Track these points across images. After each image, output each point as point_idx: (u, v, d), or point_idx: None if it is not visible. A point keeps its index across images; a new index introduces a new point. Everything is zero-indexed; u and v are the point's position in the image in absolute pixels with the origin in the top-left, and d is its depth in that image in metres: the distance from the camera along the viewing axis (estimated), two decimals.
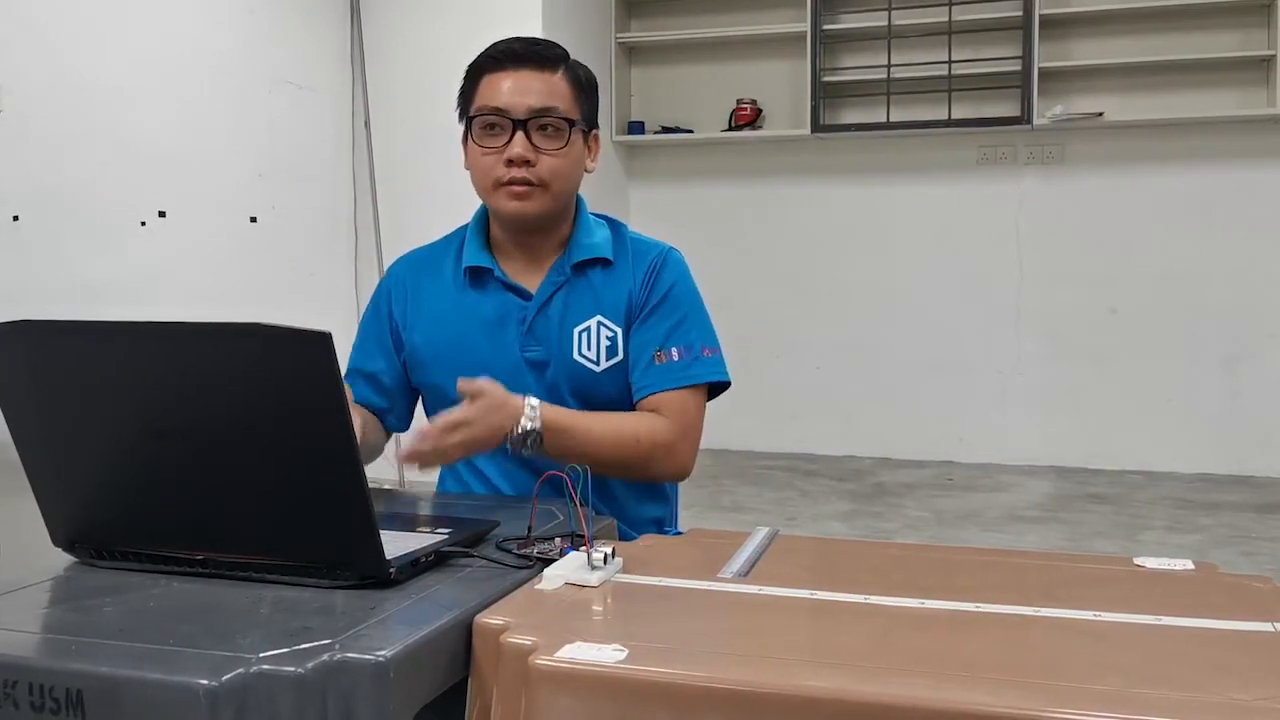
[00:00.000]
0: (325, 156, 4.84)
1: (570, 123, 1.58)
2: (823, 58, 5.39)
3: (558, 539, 1.24)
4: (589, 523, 1.18)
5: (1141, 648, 0.98)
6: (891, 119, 5.33)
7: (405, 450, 1.43)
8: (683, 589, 1.15)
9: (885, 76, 5.32)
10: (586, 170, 1.65)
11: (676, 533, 1.73)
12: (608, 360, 1.61)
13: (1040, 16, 5.06)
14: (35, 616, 1.07)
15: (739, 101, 5.60)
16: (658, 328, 1.61)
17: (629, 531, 1.56)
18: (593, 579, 1.12)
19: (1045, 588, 1.17)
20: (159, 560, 1.15)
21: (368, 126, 4.98)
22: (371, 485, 1.08)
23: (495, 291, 1.64)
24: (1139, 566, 1.23)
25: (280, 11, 4.54)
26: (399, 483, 4.86)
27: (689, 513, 1.80)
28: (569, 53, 1.63)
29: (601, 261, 1.64)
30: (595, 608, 1.08)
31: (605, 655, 0.93)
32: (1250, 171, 5.06)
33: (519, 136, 1.55)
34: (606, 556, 1.14)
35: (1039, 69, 5.06)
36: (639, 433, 1.55)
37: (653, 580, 1.16)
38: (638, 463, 1.56)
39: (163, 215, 3.92)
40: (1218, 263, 5.11)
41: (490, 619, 1.01)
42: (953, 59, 5.24)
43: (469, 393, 1.43)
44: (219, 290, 4.10)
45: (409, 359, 1.67)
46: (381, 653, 0.92)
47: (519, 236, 1.64)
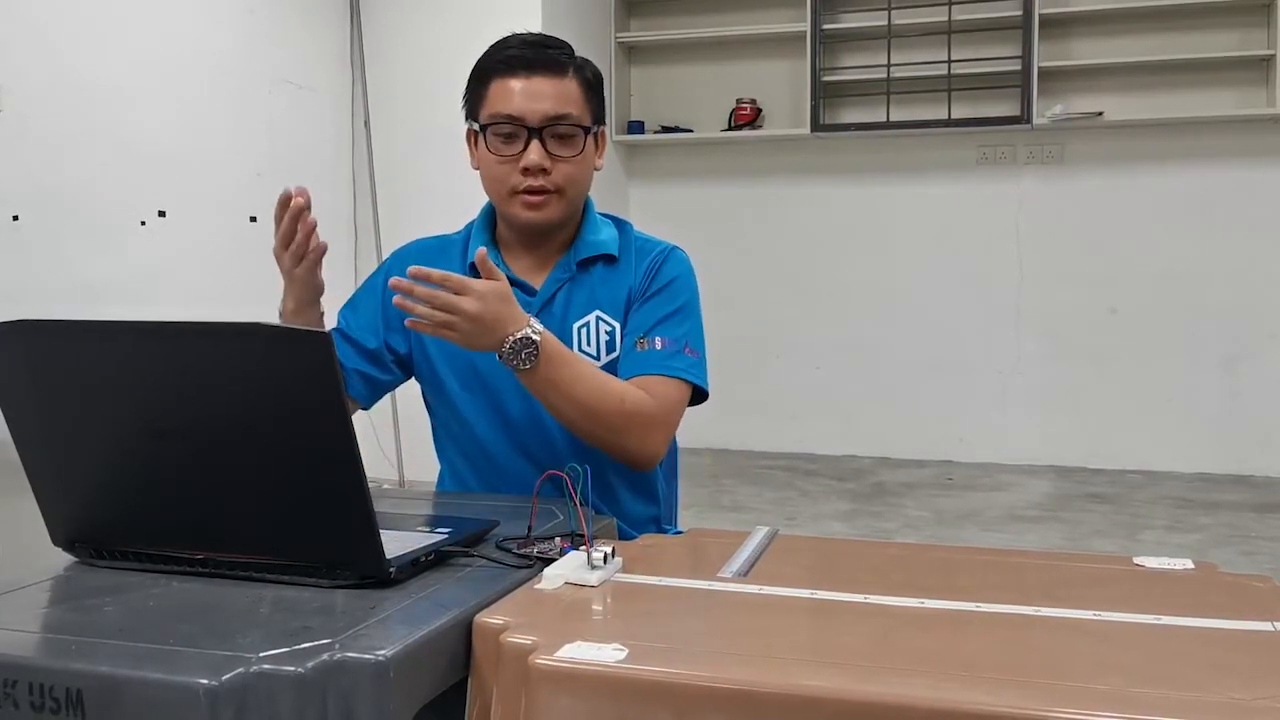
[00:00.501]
0: (325, 156, 4.84)
1: (585, 129, 1.58)
2: (822, 57, 5.39)
3: (557, 538, 1.25)
4: (589, 522, 1.18)
5: (1141, 647, 0.99)
6: (891, 119, 5.33)
7: (398, 281, 1.37)
8: (683, 589, 1.15)
9: (885, 76, 5.32)
10: (596, 168, 1.65)
11: (676, 532, 1.73)
12: (608, 355, 1.61)
13: (1040, 16, 5.06)
14: (35, 616, 1.07)
15: (739, 101, 5.60)
16: (647, 316, 1.60)
17: (628, 531, 1.56)
18: (592, 579, 1.12)
19: (1045, 587, 1.17)
20: (159, 560, 1.15)
21: (367, 126, 4.98)
22: (371, 485, 1.08)
23: None
24: (1139, 566, 1.23)
25: (280, 11, 4.54)
26: (399, 482, 4.86)
27: (689, 512, 1.80)
28: (573, 48, 1.62)
29: (605, 258, 1.64)
30: (595, 607, 1.08)
31: (605, 655, 0.93)
32: (1250, 171, 5.06)
33: (534, 145, 1.55)
34: (606, 556, 1.14)
35: (1039, 69, 5.06)
36: (625, 396, 1.51)
37: (653, 580, 1.16)
38: (614, 424, 1.50)
39: (163, 215, 3.92)
40: (1217, 262, 5.11)
41: (490, 618, 1.01)
42: (952, 59, 5.24)
43: (485, 268, 1.40)
44: (219, 290, 4.09)
45: (407, 346, 1.67)
46: (381, 652, 0.92)
47: (528, 237, 1.65)
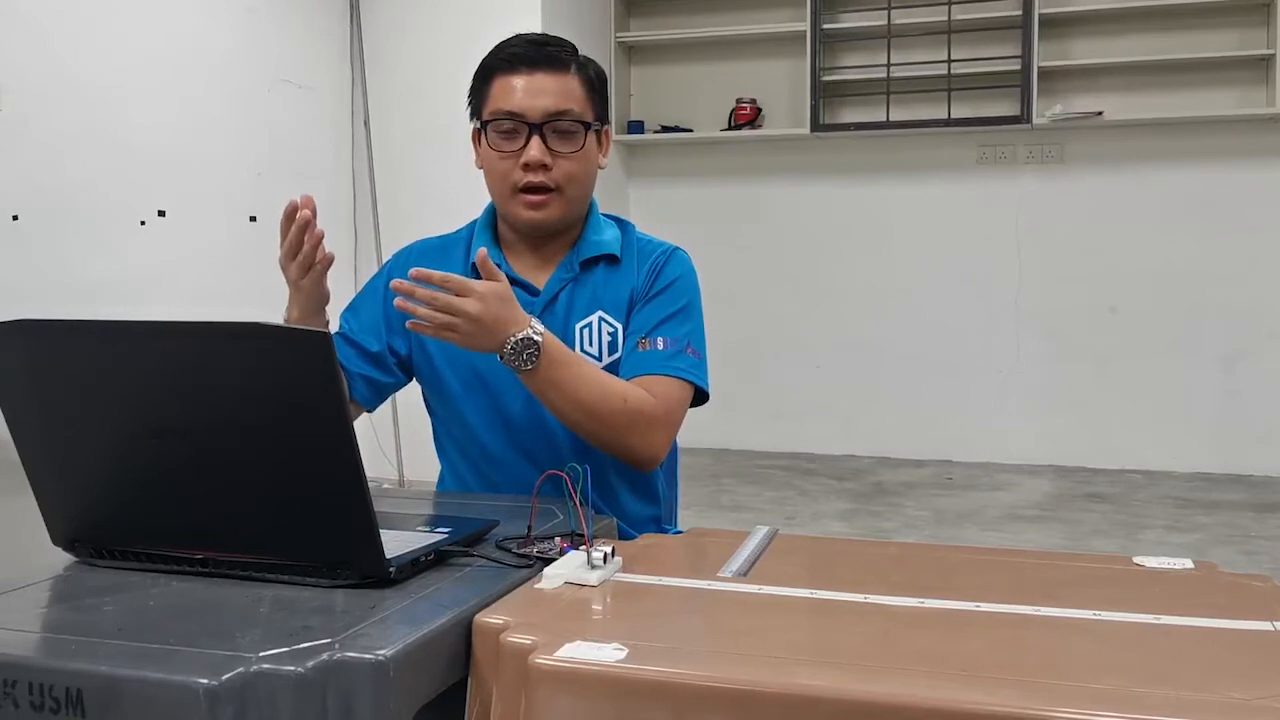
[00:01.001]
0: (325, 156, 4.84)
1: (585, 125, 1.58)
2: (822, 57, 5.39)
3: (557, 538, 1.25)
4: (589, 522, 1.18)
5: (1141, 647, 0.99)
6: (891, 118, 5.33)
7: (399, 282, 1.37)
8: (682, 588, 1.15)
9: (885, 76, 5.32)
10: (600, 167, 1.65)
11: (676, 532, 1.73)
12: (610, 355, 1.61)
13: (1040, 16, 5.06)
14: (35, 616, 1.07)
15: (738, 101, 5.60)
16: (650, 316, 1.60)
17: (629, 531, 1.56)
18: (592, 578, 1.12)
19: (1044, 587, 1.17)
20: (159, 560, 1.15)
21: (367, 126, 4.98)
22: (371, 485, 1.08)
23: None
24: (1138, 565, 1.23)
25: (280, 11, 4.54)
26: (399, 482, 4.86)
27: (688, 512, 1.80)
28: (577, 49, 1.63)
29: (608, 258, 1.64)
30: (595, 607, 1.08)
31: (605, 654, 0.93)
32: (1249, 171, 5.06)
33: (535, 140, 1.55)
34: (606, 556, 1.14)
35: (1038, 68, 5.06)
36: (628, 395, 1.51)
37: (652, 579, 1.16)
38: (616, 424, 1.50)
39: (162, 215, 3.92)
40: (1217, 262, 5.11)
41: (490, 618, 1.01)
42: (952, 58, 5.24)
43: (487, 273, 1.40)
44: (219, 290, 4.10)
45: (408, 347, 1.67)
46: (381, 652, 0.92)
47: (531, 237, 1.64)
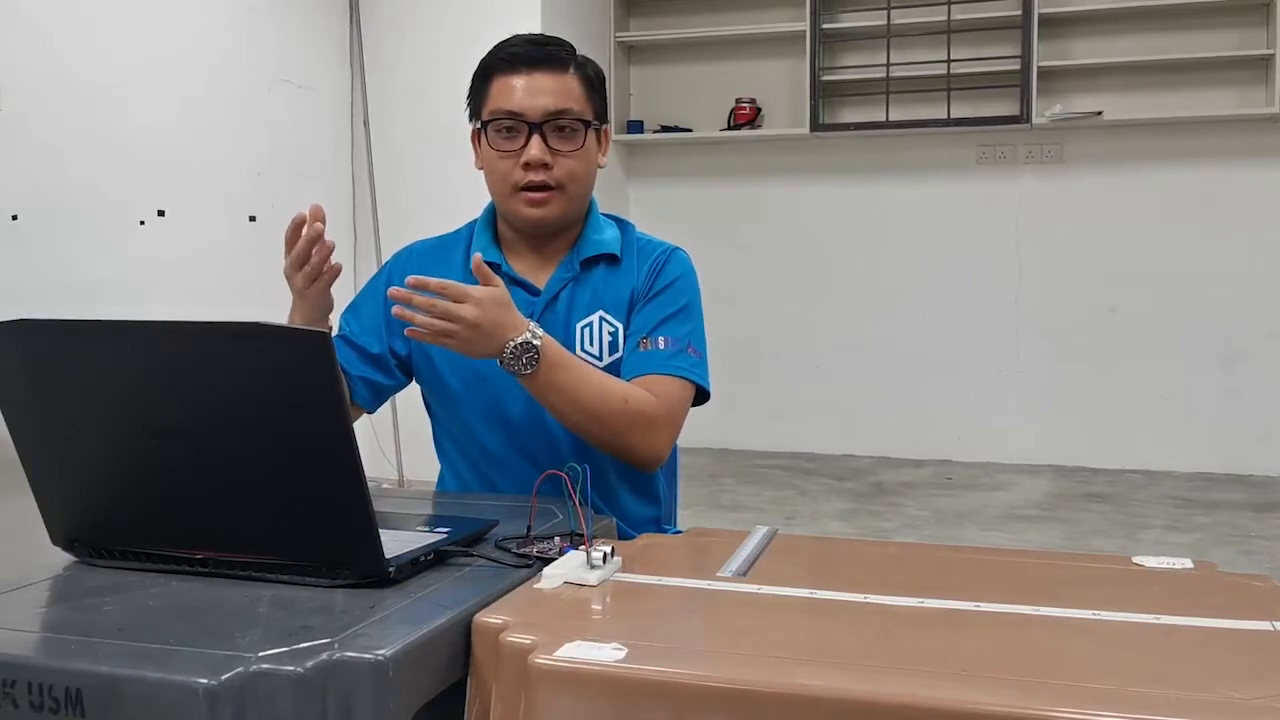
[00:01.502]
0: (324, 155, 4.84)
1: (585, 124, 1.58)
2: (822, 57, 5.39)
3: (557, 538, 1.25)
4: (588, 522, 1.18)
5: (1141, 646, 0.99)
6: (890, 118, 5.33)
7: (396, 290, 1.37)
8: (682, 588, 1.15)
9: (884, 76, 5.32)
10: (600, 166, 1.65)
11: (675, 532, 1.73)
12: (611, 355, 1.61)
13: (1039, 15, 5.06)
14: (35, 616, 1.07)
15: (738, 101, 5.60)
16: (650, 316, 1.60)
17: (628, 530, 1.56)
18: (592, 578, 1.12)
19: (1044, 587, 1.17)
20: (158, 559, 1.15)
21: (367, 125, 4.98)
22: (371, 485, 1.08)
23: (505, 287, 1.63)
24: (1138, 565, 1.23)
25: (280, 11, 4.54)
26: (398, 482, 4.86)
27: (688, 512, 1.80)
28: (575, 48, 1.63)
29: (608, 258, 1.64)
30: (594, 607, 1.08)
31: (604, 654, 0.93)
32: (1249, 170, 5.06)
33: (535, 139, 1.55)
34: (605, 556, 1.14)
35: (1038, 68, 5.06)
36: (628, 396, 1.51)
37: (652, 579, 1.16)
38: (618, 426, 1.51)
39: (162, 214, 3.92)
40: (1217, 262, 5.11)
41: (489, 618, 1.01)
42: (952, 58, 5.24)
43: (482, 275, 1.40)
44: (218, 289, 4.10)
45: (413, 350, 1.67)
46: (381, 652, 0.92)
47: (532, 236, 1.64)
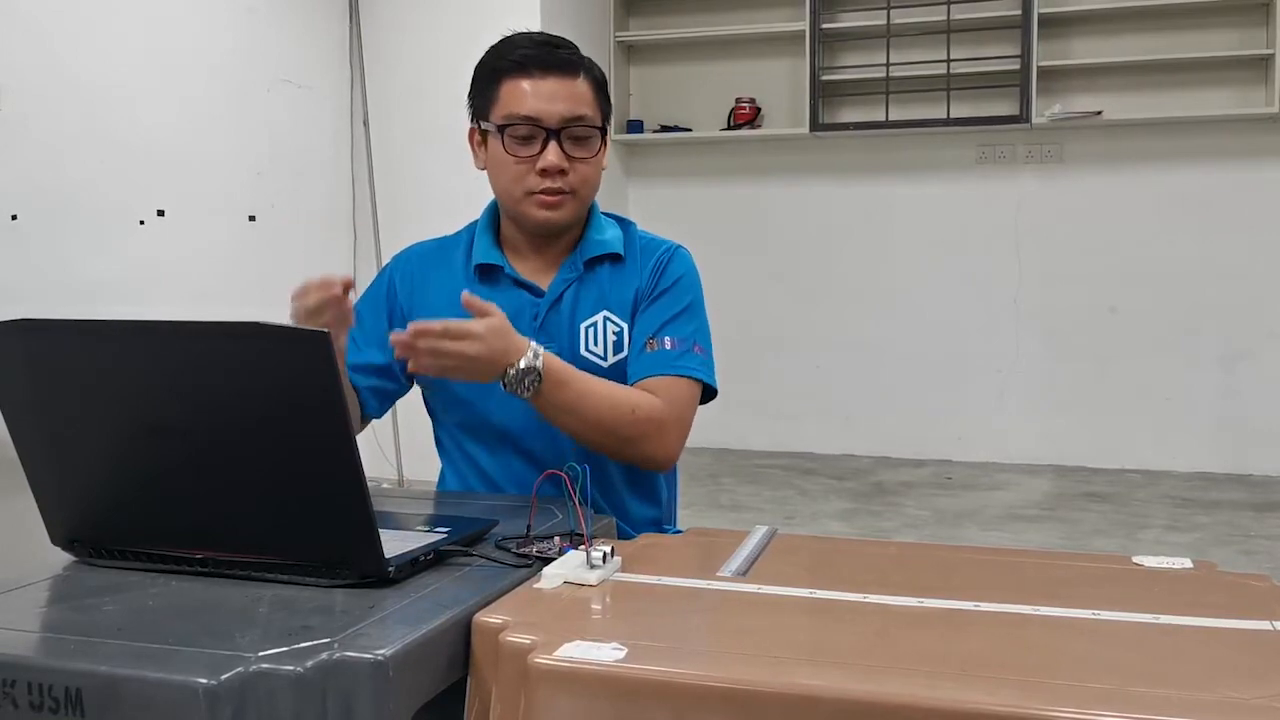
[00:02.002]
0: (324, 155, 4.84)
1: (600, 130, 1.58)
2: (821, 57, 5.39)
3: (556, 538, 1.25)
4: (588, 521, 1.18)
5: (1140, 646, 0.99)
6: (890, 118, 5.33)
7: (398, 335, 1.37)
8: (681, 588, 1.15)
9: (884, 75, 5.32)
10: (602, 167, 1.65)
11: (675, 531, 1.73)
12: (615, 355, 1.61)
13: (1039, 15, 5.06)
14: (34, 615, 1.07)
15: (738, 100, 5.60)
16: (656, 316, 1.60)
17: (628, 531, 1.56)
18: (591, 578, 1.12)
19: (1044, 586, 1.17)
20: (158, 559, 1.15)
21: (366, 125, 4.98)
22: (371, 485, 1.08)
23: (506, 289, 1.63)
24: (1137, 565, 1.23)
25: (279, 11, 4.54)
26: (398, 482, 4.86)
27: (688, 511, 1.80)
28: (579, 50, 1.62)
29: (612, 257, 1.64)
30: (594, 606, 1.08)
31: (604, 654, 0.93)
32: (1249, 170, 5.06)
33: (553, 146, 1.54)
34: (605, 555, 1.14)
35: (1038, 68, 5.06)
36: (636, 404, 1.51)
37: (651, 579, 1.16)
38: (627, 435, 1.51)
39: (161, 214, 3.92)
40: (1216, 261, 5.11)
41: (489, 618, 1.01)
42: (951, 58, 5.24)
43: (475, 309, 1.40)
44: (218, 289, 4.10)
45: None
46: (380, 651, 0.92)
47: (536, 238, 1.64)
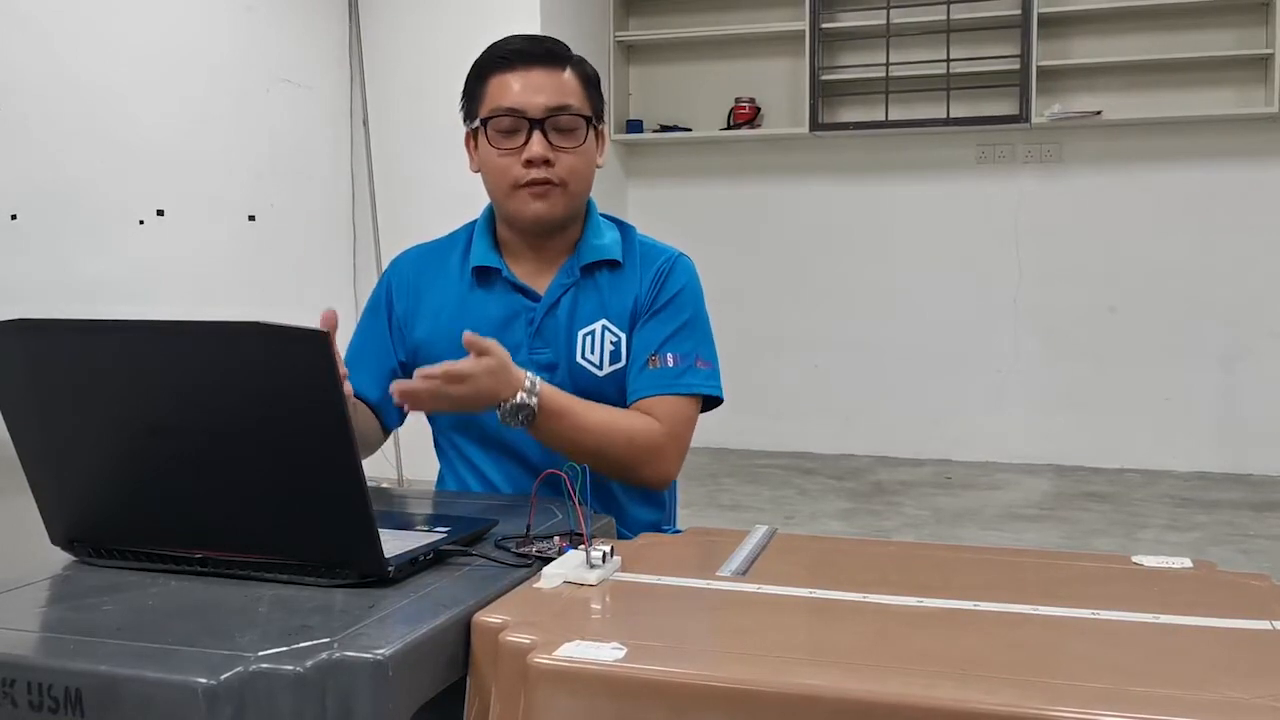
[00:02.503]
0: (323, 155, 4.84)
1: (586, 119, 1.57)
2: (821, 56, 5.39)
3: (556, 538, 1.24)
4: (587, 521, 1.18)
5: (1140, 646, 0.99)
6: (890, 118, 5.33)
7: (400, 385, 1.40)
8: (681, 587, 1.15)
9: (884, 75, 5.32)
10: (598, 166, 1.64)
11: (675, 531, 1.73)
12: (611, 365, 1.60)
13: (1038, 15, 5.06)
14: (34, 615, 1.07)
15: (737, 100, 5.60)
16: (657, 332, 1.59)
17: (626, 534, 1.55)
18: (591, 577, 1.12)
19: (1043, 586, 1.17)
20: (158, 559, 1.15)
21: (366, 125, 4.98)
22: (370, 484, 1.08)
23: (503, 292, 1.62)
24: (1137, 564, 1.23)
25: (279, 10, 4.54)
26: (398, 481, 4.86)
27: (687, 511, 1.80)
28: (569, 48, 1.62)
29: (610, 263, 1.63)
30: (594, 606, 1.08)
31: (604, 654, 0.93)
32: (1248, 170, 5.06)
33: (536, 136, 1.54)
34: (605, 555, 1.14)
35: (1037, 67, 5.07)
36: (632, 432, 1.52)
37: (651, 579, 1.16)
38: (624, 463, 1.53)
39: (161, 214, 3.92)
40: (1216, 261, 5.11)
41: (489, 617, 1.01)
42: (951, 58, 5.24)
43: (474, 348, 1.40)
44: (217, 289, 4.10)
45: (411, 355, 1.66)
46: (380, 651, 0.92)
47: (532, 239, 1.63)
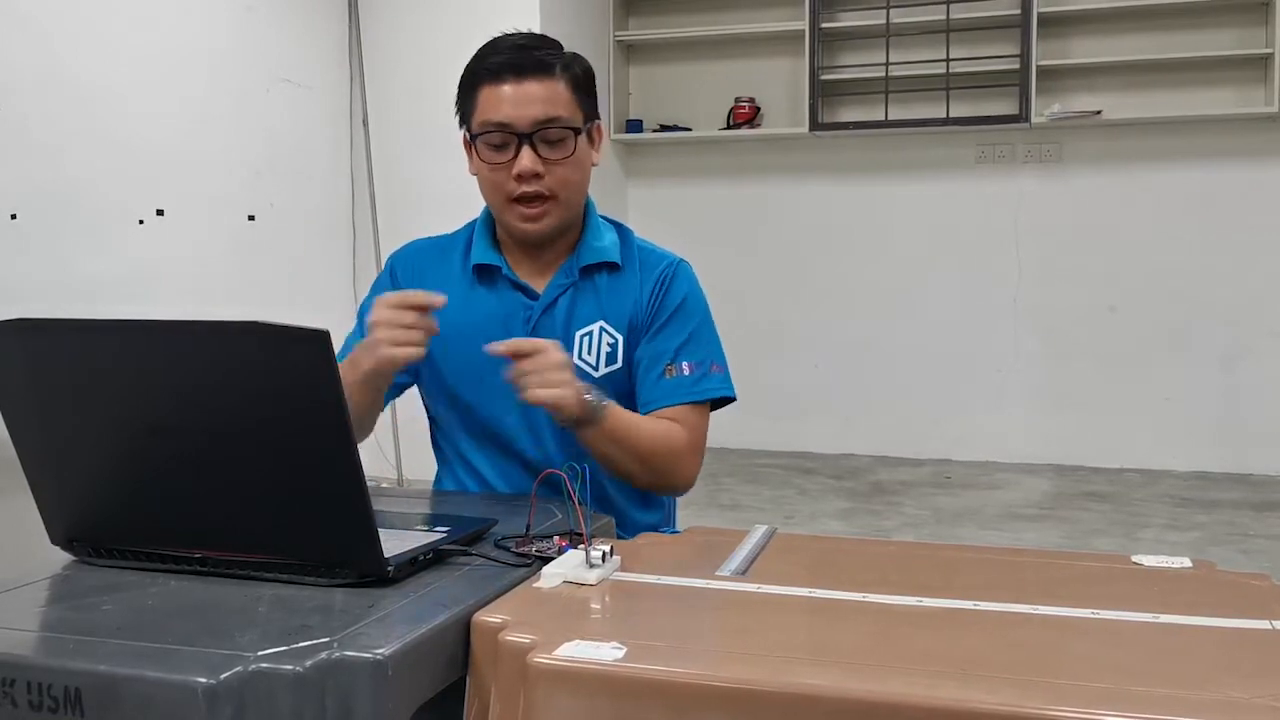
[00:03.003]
0: (323, 155, 4.84)
1: (575, 130, 1.57)
2: (821, 56, 5.39)
3: (556, 537, 1.25)
4: (587, 521, 1.18)
5: (1140, 645, 0.99)
6: (890, 117, 5.33)
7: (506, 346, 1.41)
8: (681, 587, 1.15)
9: (883, 75, 5.32)
10: (593, 164, 1.64)
11: (674, 531, 1.73)
12: (606, 366, 1.61)
13: (1038, 15, 5.06)
14: (34, 615, 1.07)
15: (737, 100, 5.60)
16: (669, 341, 1.62)
17: (625, 537, 1.55)
18: (591, 577, 1.12)
19: (1043, 585, 1.17)
20: (157, 559, 1.15)
21: (365, 125, 4.98)
22: (370, 484, 1.08)
23: (503, 290, 1.63)
24: (1137, 564, 1.23)
25: (278, 10, 4.54)
26: (397, 481, 4.86)
27: (687, 511, 1.80)
28: (562, 45, 1.62)
29: (609, 266, 1.64)
30: (593, 606, 1.08)
31: (603, 653, 0.93)
32: (1248, 169, 5.06)
33: (526, 150, 1.54)
34: (605, 555, 1.14)
35: (1037, 67, 5.06)
36: (669, 441, 1.56)
37: (651, 578, 1.16)
38: (660, 470, 1.57)
39: (161, 214, 3.92)
40: (1216, 261, 5.11)
41: (488, 617, 1.01)
42: (951, 57, 5.24)
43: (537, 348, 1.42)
44: (217, 288, 4.10)
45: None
46: (380, 651, 0.92)
47: (530, 244, 1.64)
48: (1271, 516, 4.34)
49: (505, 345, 1.41)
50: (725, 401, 1.66)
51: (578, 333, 1.61)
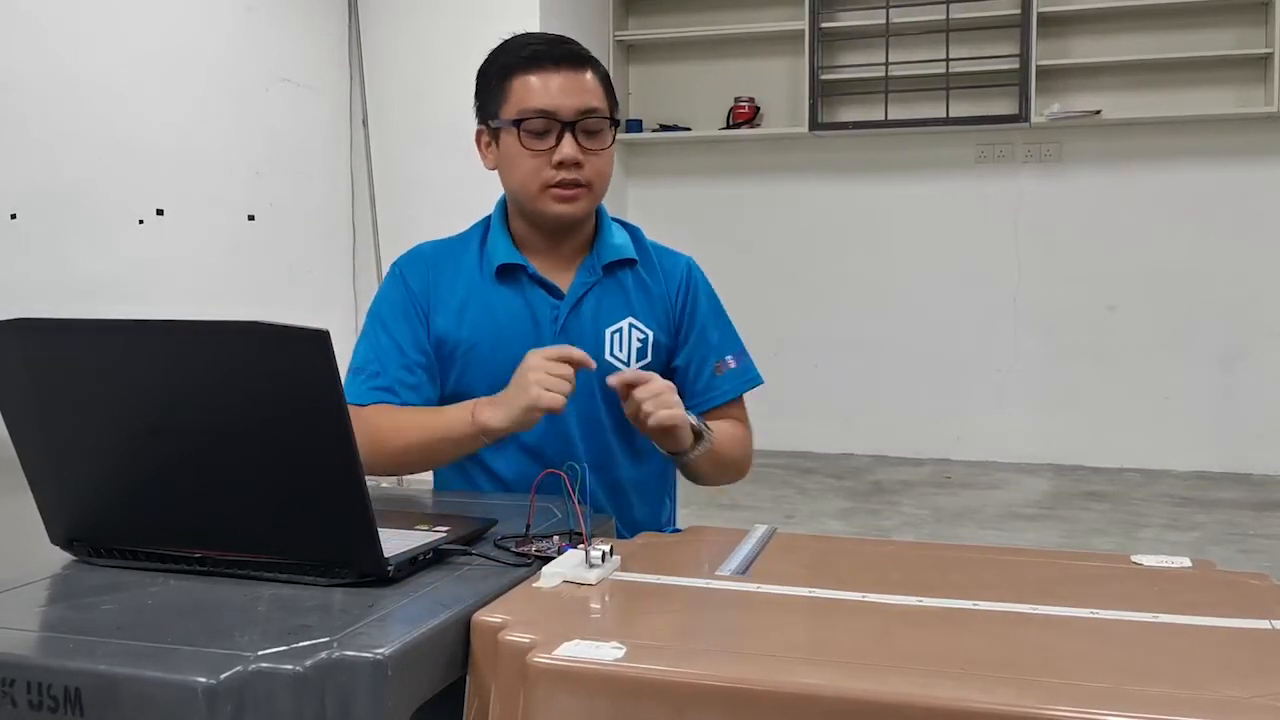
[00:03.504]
0: (323, 155, 4.84)
1: (613, 122, 1.59)
2: (821, 56, 5.39)
3: (556, 537, 1.25)
4: (587, 521, 1.18)
5: (1139, 645, 0.99)
6: (889, 117, 5.33)
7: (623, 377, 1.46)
8: (681, 587, 1.15)
9: (883, 74, 5.32)
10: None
11: (675, 531, 1.73)
12: (638, 362, 1.61)
13: (1038, 14, 5.06)
14: (33, 614, 1.07)
15: (737, 99, 5.60)
16: (711, 338, 1.68)
17: (625, 535, 1.55)
18: (590, 577, 1.12)
19: (1043, 585, 1.18)
20: (157, 558, 1.15)
21: (365, 125, 4.98)
22: (370, 484, 1.08)
23: (527, 288, 1.62)
24: (1136, 564, 1.23)
25: (278, 9, 4.53)
26: (398, 481, 4.86)
27: (687, 510, 1.81)
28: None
29: (629, 262, 1.65)
30: (593, 605, 1.08)
31: (603, 653, 0.93)
32: (1248, 169, 5.06)
33: (568, 138, 1.54)
34: (604, 554, 1.14)
35: (1037, 67, 5.06)
36: (739, 437, 1.69)
37: (651, 578, 1.16)
38: (740, 469, 1.72)
39: (160, 213, 3.91)
40: (1215, 260, 5.11)
41: (488, 617, 1.01)
42: (950, 57, 5.24)
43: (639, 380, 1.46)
44: (217, 288, 4.09)
45: (435, 346, 1.62)
46: (380, 650, 0.92)
47: (550, 236, 1.63)
48: (1271, 516, 4.34)
49: (617, 379, 1.46)
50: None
51: (607, 330, 1.61)
